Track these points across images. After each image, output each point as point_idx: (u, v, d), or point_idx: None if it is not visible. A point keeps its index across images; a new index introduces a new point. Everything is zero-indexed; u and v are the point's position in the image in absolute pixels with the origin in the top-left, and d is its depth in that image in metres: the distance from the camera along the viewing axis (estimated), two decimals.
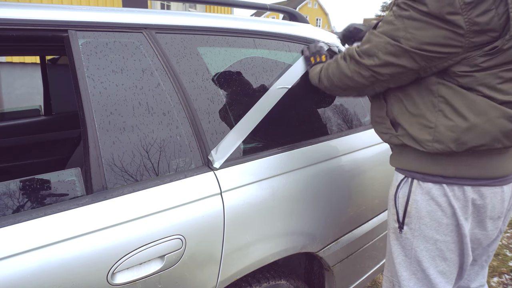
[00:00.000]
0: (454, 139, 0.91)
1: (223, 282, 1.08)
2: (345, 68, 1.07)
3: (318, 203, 1.30)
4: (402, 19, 0.92)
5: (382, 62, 0.96)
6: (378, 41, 0.96)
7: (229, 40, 1.27)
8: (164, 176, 1.00)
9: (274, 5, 1.66)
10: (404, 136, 1.01)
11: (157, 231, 0.93)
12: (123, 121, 0.98)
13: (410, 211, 1.04)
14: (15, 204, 0.86)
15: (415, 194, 1.02)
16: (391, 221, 1.11)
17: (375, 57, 0.97)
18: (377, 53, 0.97)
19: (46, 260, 0.80)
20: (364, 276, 1.61)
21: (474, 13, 0.83)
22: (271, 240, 1.17)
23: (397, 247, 1.09)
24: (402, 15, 0.91)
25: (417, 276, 1.05)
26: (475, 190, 0.95)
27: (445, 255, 1.02)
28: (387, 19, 0.96)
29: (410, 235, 1.05)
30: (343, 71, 1.08)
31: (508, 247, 2.75)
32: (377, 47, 0.96)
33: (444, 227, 0.99)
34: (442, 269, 1.03)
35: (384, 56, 0.95)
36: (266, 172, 1.17)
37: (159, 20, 1.13)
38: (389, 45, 0.94)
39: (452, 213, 0.98)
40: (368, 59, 0.99)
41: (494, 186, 0.96)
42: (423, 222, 1.01)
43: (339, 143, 1.42)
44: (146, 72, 1.05)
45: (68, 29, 0.98)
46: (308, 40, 1.47)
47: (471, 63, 0.88)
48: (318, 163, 1.32)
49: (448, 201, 0.97)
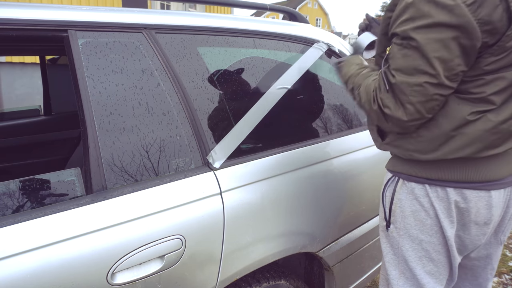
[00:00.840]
0: (432, 149, 0.92)
1: (223, 282, 1.08)
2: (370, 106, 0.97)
3: (318, 203, 1.30)
4: (415, 49, 0.84)
5: (418, 106, 0.87)
6: (401, 86, 0.87)
7: (229, 40, 1.27)
8: (164, 176, 1.00)
9: (274, 5, 1.66)
10: (388, 145, 1.03)
11: (157, 231, 0.93)
12: (123, 121, 0.98)
13: (395, 209, 1.04)
14: (15, 204, 0.86)
15: (399, 193, 1.03)
16: (381, 219, 1.13)
17: (407, 105, 0.88)
18: (408, 99, 0.87)
19: (46, 260, 0.80)
20: (364, 276, 1.61)
21: (482, 12, 0.79)
22: (271, 240, 1.17)
23: (386, 245, 1.10)
24: (413, 45, 0.84)
25: (405, 275, 1.05)
26: (457, 192, 0.94)
27: (431, 256, 1.01)
28: (398, 54, 0.88)
29: (396, 234, 1.05)
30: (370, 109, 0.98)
31: (508, 247, 2.75)
32: (404, 92, 0.87)
33: (429, 227, 0.99)
34: (430, 269, 1.02)
35: (420, 98, 0.86)
36: (266, 172, 1.17)
37: (159, 20, 1.13)
38: (416, 86, 0.85)
39: (435, 214, 0.97)
40: (399, 109, 0.89)
41: (479, 190, 0.94)
42: (407, 221, 1.02)
43: (339, 143, 1.42)
44: (146, 72, 1.05)
45: (68, 29, 0.98)
46: (308, 40, 1.47)
47: (477, 66, 0.86)
48: (318, 163, 1.32)
49: (430, 202, 0.97)
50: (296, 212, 1.23)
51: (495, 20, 0.80)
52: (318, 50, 1.44)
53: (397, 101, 0.89)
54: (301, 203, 1.25)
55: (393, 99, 0.89)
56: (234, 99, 1.22)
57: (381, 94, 0.92)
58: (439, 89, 0.85)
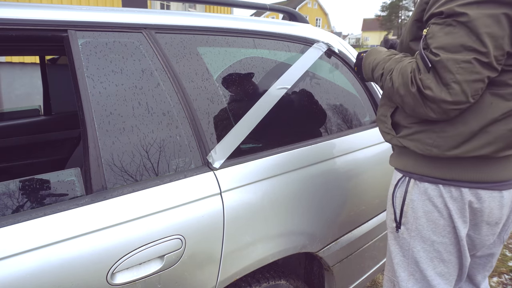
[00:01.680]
0: (453, 146, 0.90)
1: (223, 282, 1.08)
2: (406, 95, 0.91)
3: (318, 203, 1.30)
4: (462, 25, 0.79)
5: (464, 86, 0.80)
6: (446, 63, 0.80)
7: (229, 40, 1.27)
8: (164, 176, 1.00)
9: (274, 5, 1.66)
10: (405, 138, 1.00)
11: (157, 231, 0.93)
12: (122, 121, 0.98)
13: (407, 210, 1.03)
14: (14, 204, 0.86)
15: (412, 193, 1.01)
16: (389, 221, 1.11)
17: (453, 84, 0.81)
18: (454, 78, 0.80)
19: (46, 260, 0.80)
20: (364, 276, 1.61)
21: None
22: (271, 240, 1.17)
23: (395, 247, 1.09)
24: (461, 20, 0.79)
25: (415, 277, 1.04)
26: (472, 192, 0.94)
27: (443, 256, 1.01)
28: (440, 32, 0.82)
29: (407, 235, 1.04)
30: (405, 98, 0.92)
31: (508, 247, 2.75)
32: (450, 70, 0.80)
33: (441, 228, 0.98)
34: (440, 270, 1.02)
35: (467, 76, 0.79)
36: (266, 172, 1.17)
37: (158, 20, 1.13)
38: (463, 63, 0.79)
39: (448, 215, 0.97)
40: (443, 90, 0.82)
41: (493, 190, 0.94)
42: (420, 222, 1.01)
43: (339, 143, 1.42)
44: (146, 72, 1.05)
45: (68, 29, 0.98)
46: (308, 40, 1.47)
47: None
48: (318, 163, 1.32)
49: (444, 202, 0.96)
50: (296, 212, 1.23)
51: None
52: (318, 50, 1.45)
53: (440, 81, 0.82)
54: (301, 203, 1.25)
55: (435, 79, 0.82)
56: (234, 99, 1.22)
57: (421, 75, 0.85)
58: (488, 69, 0.80)
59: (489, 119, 0.86)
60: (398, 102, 0.96)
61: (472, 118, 0.87)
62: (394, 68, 0.96)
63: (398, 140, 1.03)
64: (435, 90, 0.83)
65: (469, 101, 0.83)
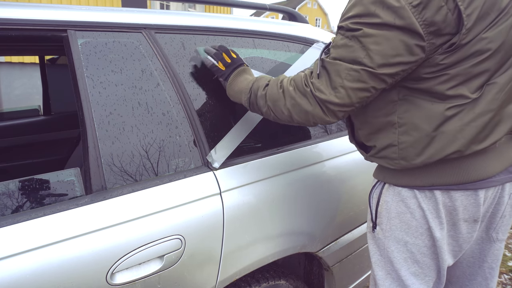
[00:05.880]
0: (417, 154, 0.91)
1: (223, 282, 1.08)
2: (296, 103, 0.96)
3: (318, 203, 1.30)
4: (356, 39, 0.85)
5: (349, 92, 0.88)
6: (338, 69, 0.88)
7: (229, 40, 1.27)
8: (164, 176, 1.00)
9: (274, 5, 1.66)
10: (373, 157, 1.02)
11: (157, 231, 0.93)
12: (122, 121, 0.98)
13: (381, 211, 1.05)
14: (14, 204, 0.86)
15: (386, 195, 1.03)
16: (368, 220, 1.13)
17: (340, 88, 0.88)
18: (341, 83, 0.88)
19: (46, 260, 0.80)
20: (364, 276, 1.61)
21: (427, 14, 0.80)
22: (271, 240, 1.17)
23: (373, 246, 1.11)
24: (356, 35, 0.85)
25: (392, 276, 1.06)
26: (444, 193, 0.95)
27: (416, 257, 1.02)
28: (339, 43, 0.89)
29: (382, 236, 1.06)
30: (297, 107, 0.96)
31: (507, 247, 2.75)
32: (339, 75, 0.88)
33: (414, 229, 0.99)
34: (414, 270, 1.03)
35: (351, 84, 0.87)
36: (265, 172, 1.17)
37: (158, 20, 1.13)
38: (352, 71, 0.86)
39: (422, 216, 0.97)
40: (331, 93, 0.90)
41: (465, 190, 0.94)
42: (393, 223, 1.02)
43: (339, 143, 1.42)
44: (146, 72, 1.05)
45: (68, 29, 0.98)
46: (308, 40, 1.47)
47: (433, 62, 0.86)
48: (318, 163, 1.32)
49: (417, 203, 0.97)
50: (295, 212, 1.23)
51: (438, 21, 0.80)
52: (317, 50, 1.45)
53: (329, 84, 0.90)
54: (301, 203, 1.25)
55: (325, 82, 0.91)
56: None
57: (313, 79, 0.93)
58: (375, 81, 0.86)
59: (438, 118, 0.88)
60: (286, 110, 0.99)
61: (422, 122, 0.90)
62: (280, 79, 1.03)
63: (370, 159, 1.06)
64: (325, 92, 0.91)
65: (354, 105, 0.91)
